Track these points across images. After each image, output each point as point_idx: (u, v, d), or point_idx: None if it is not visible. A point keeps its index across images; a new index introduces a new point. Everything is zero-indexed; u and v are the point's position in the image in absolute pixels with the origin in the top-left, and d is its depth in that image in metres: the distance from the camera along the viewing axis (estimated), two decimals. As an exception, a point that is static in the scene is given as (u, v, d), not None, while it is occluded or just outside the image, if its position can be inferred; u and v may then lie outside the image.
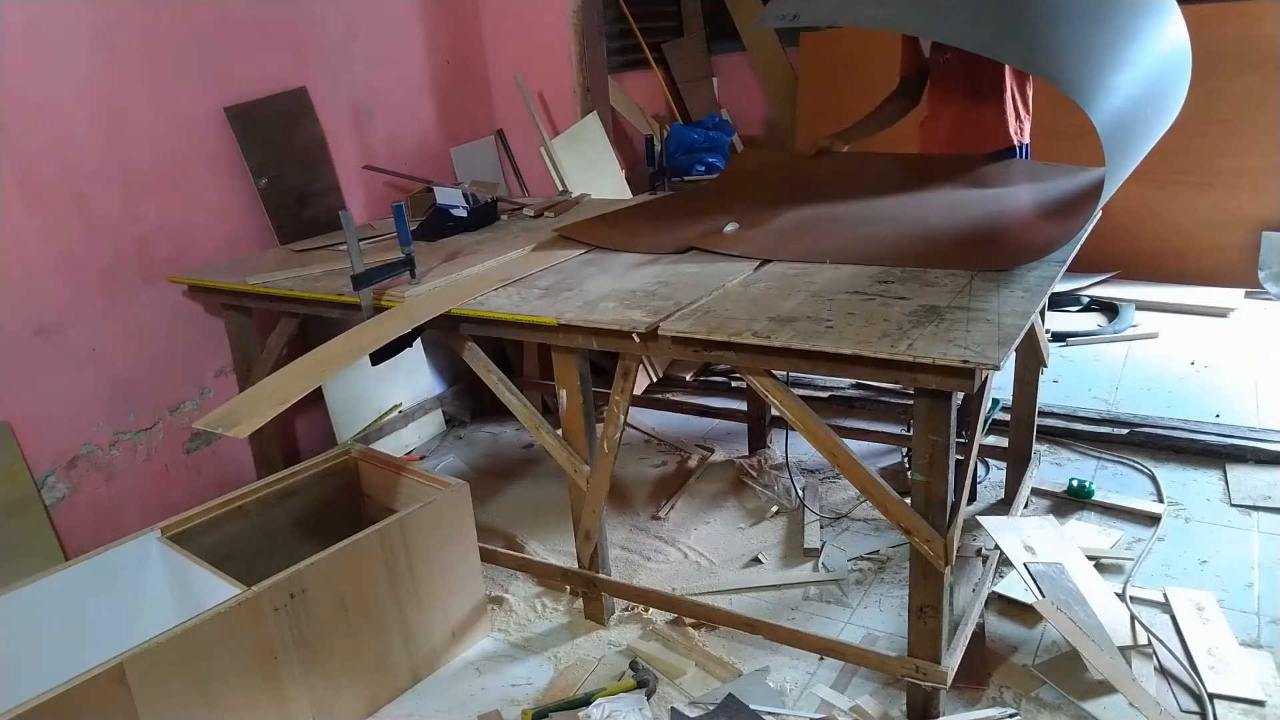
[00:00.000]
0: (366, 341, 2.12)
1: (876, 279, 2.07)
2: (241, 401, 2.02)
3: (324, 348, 2.18)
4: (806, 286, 2.05)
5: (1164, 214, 4.38)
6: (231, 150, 3.00)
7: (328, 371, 2.07)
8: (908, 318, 1.79)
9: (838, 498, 2.88)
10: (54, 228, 2.57)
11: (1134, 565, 2.40)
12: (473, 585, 2.32)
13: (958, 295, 1.91)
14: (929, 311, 1.82)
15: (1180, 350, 3.72)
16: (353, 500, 2.53)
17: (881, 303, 1.89)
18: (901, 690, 2.01)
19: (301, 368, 2.11)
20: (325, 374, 2.07)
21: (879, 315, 1.82)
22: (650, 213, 2.95)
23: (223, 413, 1.95)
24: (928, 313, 1.81)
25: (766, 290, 2.05)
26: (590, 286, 2.23)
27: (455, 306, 2.19)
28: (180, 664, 1.73)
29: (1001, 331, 1.69)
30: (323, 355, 2.15)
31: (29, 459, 2.53)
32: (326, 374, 2.07)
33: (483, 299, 2.21)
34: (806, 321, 1.81)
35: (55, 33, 2.53)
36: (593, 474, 2.23)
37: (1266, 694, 1.94)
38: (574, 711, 2.02)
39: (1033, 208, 2.47)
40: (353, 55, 3.42)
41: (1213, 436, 2.96)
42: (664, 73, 5.35)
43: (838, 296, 1.96)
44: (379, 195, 3.56)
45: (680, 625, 2.33)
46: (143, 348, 2.82)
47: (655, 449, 3.38)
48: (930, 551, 1.78)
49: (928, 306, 1.85)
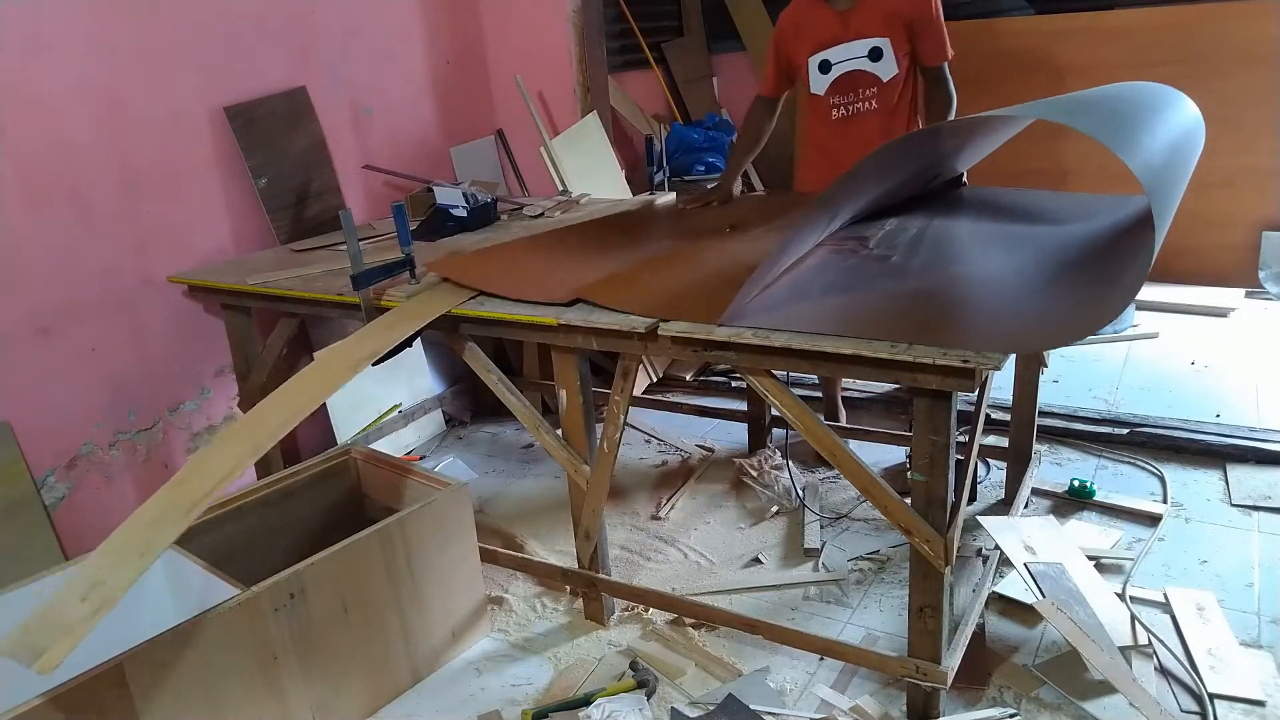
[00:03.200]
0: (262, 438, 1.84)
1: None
2: (61, 606, 1.48)
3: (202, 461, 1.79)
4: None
5: (1164, 214, 4.38)
6: (231, 150, 3.00)
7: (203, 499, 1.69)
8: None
9: (838, 498, 2.88)
10: (54, 228, 2.56)
11: (1134, 565, 2.40)
12: (473, 585, 2.32)
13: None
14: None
15: (1180, 350, 3.72)
16: (353, 500, 2.53)
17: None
18: (901, 690, 2.01)
19: (160, 509, 1.67)
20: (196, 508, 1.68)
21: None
22: (545, 246, 2.66)
23: (33, 630, 1.42)
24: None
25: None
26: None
27: (426, 323, 2.08)
28: (180, 664, 1.73)
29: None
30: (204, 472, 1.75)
31: (29, 459, 2.53)
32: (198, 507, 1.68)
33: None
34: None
35: (55, 32, 2.52)
36: (593, 474, 2.23)
37: (1266, 694, 1.94)
38: (574, 711, 2.02)
39: (1064, 265, 2.10)
40: (353, 55, 3.42)
41: (1213, 436, 2.96)
42: (664, 72, 5.35)
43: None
44: (379, 195, 3.56)
45: (680, 625, 2.33)
46: (143, 348, 2.82)
47: (655, 449, 3.38)
48: (930, 551, 1.78)
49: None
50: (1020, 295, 1.92)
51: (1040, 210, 2.58)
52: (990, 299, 1.91)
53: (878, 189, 2.35)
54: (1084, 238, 2.27)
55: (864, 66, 2.78)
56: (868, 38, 2.74)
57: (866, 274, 2.11)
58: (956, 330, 1.73)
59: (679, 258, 2.39)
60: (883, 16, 2.72)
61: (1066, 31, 4.46)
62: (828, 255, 2.27)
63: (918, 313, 1.83)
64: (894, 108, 2.82)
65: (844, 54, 2.78)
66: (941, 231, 2.40)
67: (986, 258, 2.17)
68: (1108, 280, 1.89)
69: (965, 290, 1.96)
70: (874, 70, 2.77)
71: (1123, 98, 2.15)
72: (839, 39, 2.77)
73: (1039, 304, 1.87)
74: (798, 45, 2.84)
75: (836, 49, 2.78)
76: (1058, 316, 1.81)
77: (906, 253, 2.22)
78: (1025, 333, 1.76)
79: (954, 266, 2.11)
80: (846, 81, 2.81)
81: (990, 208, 2.63)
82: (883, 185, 2.35)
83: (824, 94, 2.85)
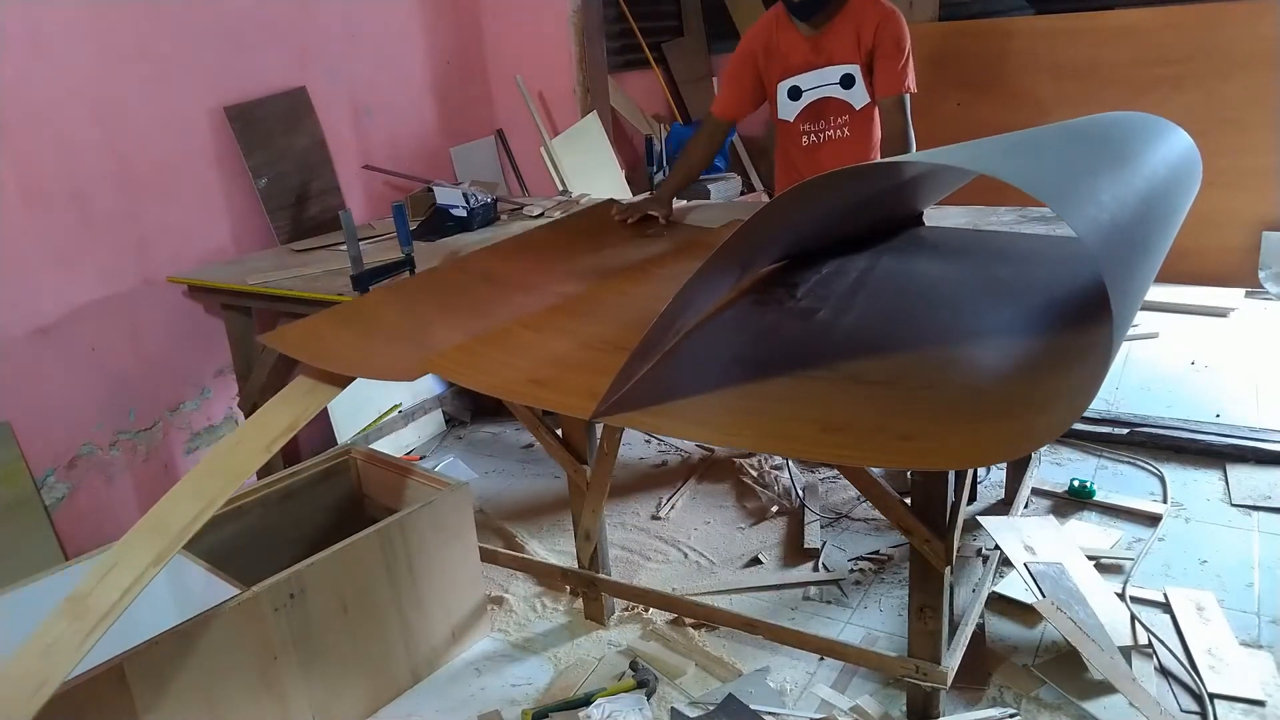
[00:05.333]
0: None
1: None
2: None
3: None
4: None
5: (1164, 214, 4.38)
6: (231, 150, 3.00)
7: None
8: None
9: (838, 498, 2.88)
10: (54, 228, 2.56)
11: (1134, 565, 2.40)
12: (473, 585, 2.32)
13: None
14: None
15: (1180, 350, 3.72)
16: (353, 500, 2.53)
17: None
18: (901, 690, 2.01)
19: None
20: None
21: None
22: (436, 289, 2.30)
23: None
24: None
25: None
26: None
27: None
28: (180, 664, 1.73)
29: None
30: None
31: (29, 459, 2.53)
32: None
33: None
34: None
35: (55, 32, 2.52)
36: (593, 474, 2.23)
37: (1266, 694, 1.94)
38: (574, 711, 2.02)
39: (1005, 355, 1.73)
40: (353, 55, 3.42)
41: (1213, 436, 2.95)
42: (664, 72, 5.35)
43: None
44: (379, 195, 3.56)
45: (680, 625, 2.33)
46: (143, 348, 2.82)
47: (655, 449, 3.38)
48: (930, 552, 1.78)
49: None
50: (965, 378, 1.62)
51: (1006, 255, 2.31)
52: (926, 384, 1.60)
53: (805, 229, 2.09)
54: (1048, 302, 1.94)
55: (835, 94, 2.68)
56: (840, 64, 2.64)
57: (783, 338, 1.85)
58: (868, 443, 1.45)
59: (577, 308, 2.09)
60: (854, 41, 2.62)
61: (1066, 31, 4.46)
62: (748, 306, 2.01)
63: (829, 408, 1.54)
64: (867, 136, 2.73)
65: (815, 80, 2.68)
66: (885, 278, 2.13)
67: (932, 317, 1.89)
68: (1064, 371, 1.55)
69: (897, 367, 1.67)
70: (845, 97, 2.68)
71: (1092, 136, 1.91)
72: (810, 65, 2.67)
73: (985, 396, 1.53)
74: (768, 68, 2.74)
75: (808, 75, 2.68)
76: (1007, 414, 1.47)
77: (837, 307, 1.95)
78: (958, 445, 1.43)
79: (891, 328, 1.85)
80: (817, 109, 2.72)
81: (948, 251, 2.36)
82: (811, 225, 2.08)
83: (793, 120, 2.76)
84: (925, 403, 1.54)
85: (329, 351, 2.03)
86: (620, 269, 2.38)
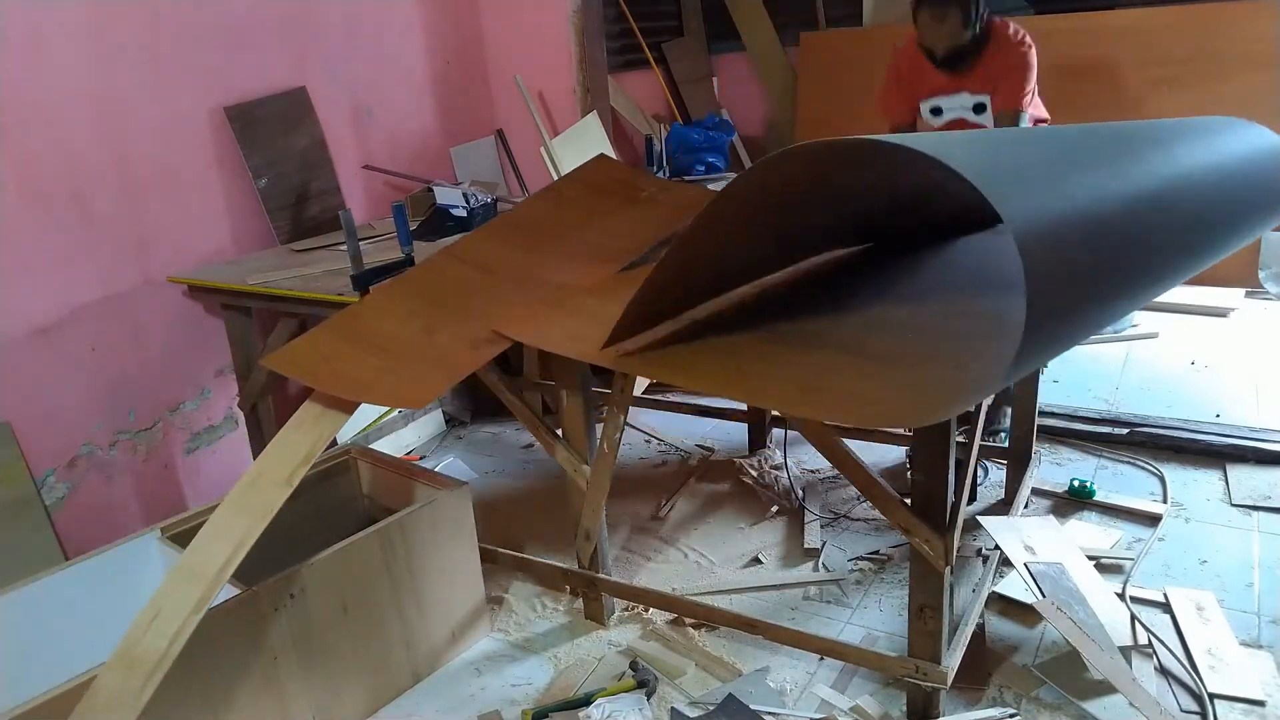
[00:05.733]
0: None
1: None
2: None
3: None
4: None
5: (1164, 214, 4.38)
6: (231, 150, 3.00)
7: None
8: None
9: (838, 498, 2.88)
10: (54, 228, 2.56)
11: (1134, 565, 2.40)
12: (473, 585, 2.32)
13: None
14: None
15: (1180, 350, 3.72)
16: (353, 500, 2.53)
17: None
18: (901, 690, 2.01)
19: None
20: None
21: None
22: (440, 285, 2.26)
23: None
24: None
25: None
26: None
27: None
28: (180, 663, 1.73)
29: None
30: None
31: (29, 459, 2.53)
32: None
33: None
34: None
35: (55, 32, 2.52)
36: (593, 474, 2.23)
37: (1266, 694, 1.94)
38: (574, 711, 2.02)
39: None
40: (353, 55, 3.42)
41: (1213, 436, 2.95)
42: (664, 72, 5.35)
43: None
44: (379, 195, 3.56)
45: (680, 625, 2.33)
46: (142, 348, 2.82)
47: (655, 449, 3.38)
48: (930, 552, 1.78)
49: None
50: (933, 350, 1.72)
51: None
52: (918, 360, 1.71)
53: (841, 208, 2.08)
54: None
55: (969, 117, 2.94)
56: (973, 93, 2.91)
57: (796, 307, 1.98)
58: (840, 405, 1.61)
59: (596, 289, 2.13)
60: (989, 80, 2.87)
61: (1066, 31, 4.45)
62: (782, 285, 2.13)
63: (813, 374, 1.68)
64: None
65: (952, 104, 2.96)
66: (911, 267, 2.22)
67: (946, 300, 2.00)
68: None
69: (897, 346, 1.78)
70: (979, 122, 2.93)
71: (1112, 137, 1.85)
72: (946, 89, 2.94)
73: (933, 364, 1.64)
74: (914, 85, 3.00)
75: (946, 99, 2.96)
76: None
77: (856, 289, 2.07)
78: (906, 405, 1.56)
79: (897, 308, 1.96)
80: (954, 126, 2.95)
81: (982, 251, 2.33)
82: (843, 209, 2.09)
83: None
84: (903, 374, 1.67)
85: (335, 374, 2.01)
86: (615, 250, 2.40)
